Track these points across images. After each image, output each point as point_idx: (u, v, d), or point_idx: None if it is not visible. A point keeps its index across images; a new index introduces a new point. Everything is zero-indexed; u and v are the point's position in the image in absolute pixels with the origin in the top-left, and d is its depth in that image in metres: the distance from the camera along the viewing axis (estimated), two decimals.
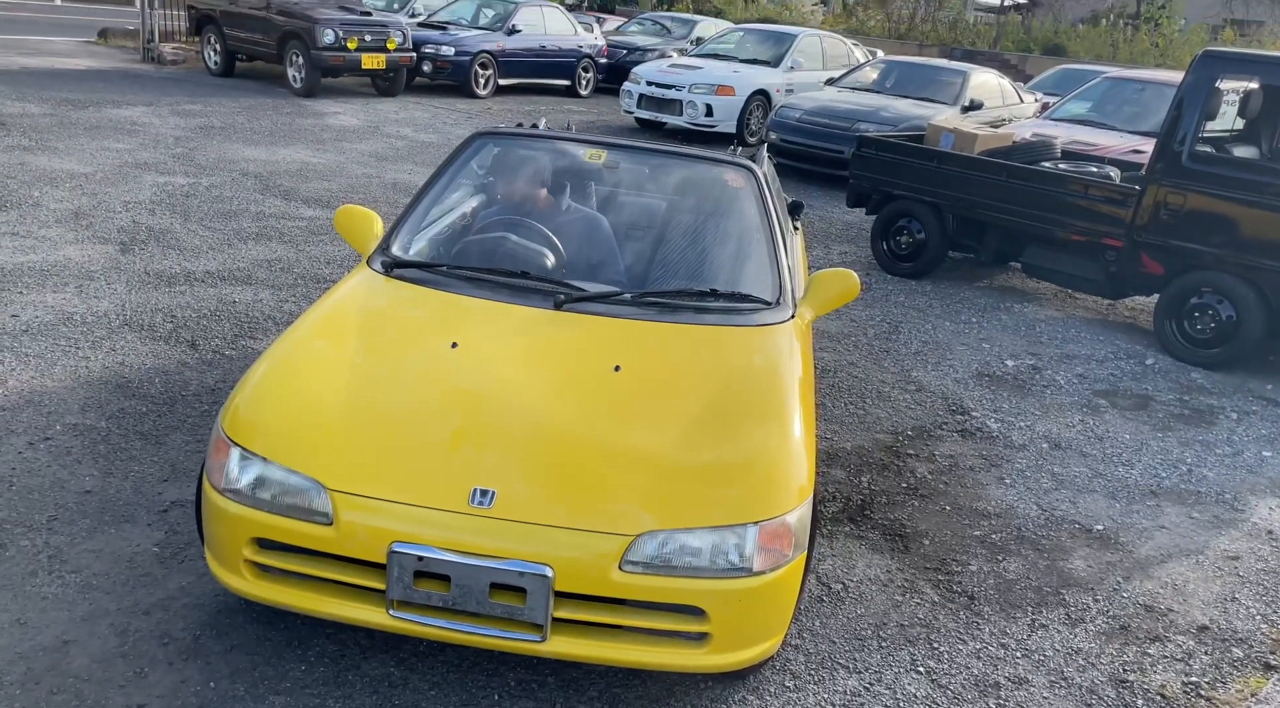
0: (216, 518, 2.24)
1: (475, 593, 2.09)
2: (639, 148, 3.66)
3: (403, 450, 2.24)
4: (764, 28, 14.16)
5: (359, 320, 2.70)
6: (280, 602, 2.23)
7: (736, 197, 3.41)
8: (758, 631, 2.24)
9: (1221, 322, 5.38)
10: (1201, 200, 5.41)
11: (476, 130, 3.59)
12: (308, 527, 2.14)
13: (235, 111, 10.28)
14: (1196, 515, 3.76)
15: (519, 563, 2.07)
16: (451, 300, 2.79)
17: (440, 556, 2.07)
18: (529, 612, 2.09)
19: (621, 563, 2.11)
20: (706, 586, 2.13)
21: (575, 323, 2.75)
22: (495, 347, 2.61)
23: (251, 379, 2.44)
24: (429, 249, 3.18)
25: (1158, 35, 21.16)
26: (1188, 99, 5.50)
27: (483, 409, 2.38)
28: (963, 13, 28.73)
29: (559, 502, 2.17)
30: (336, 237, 6.20)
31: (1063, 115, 9.28)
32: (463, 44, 13.30)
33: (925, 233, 6.77)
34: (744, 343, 2.79)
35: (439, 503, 2.13)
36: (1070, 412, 4.69)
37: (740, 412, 2.49)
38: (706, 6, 26.21)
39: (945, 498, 3.71)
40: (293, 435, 2.25)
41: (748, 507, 2.20)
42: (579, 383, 2.51)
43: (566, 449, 2.30)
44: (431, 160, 9.01)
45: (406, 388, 2.44)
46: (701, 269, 3.15)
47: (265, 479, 2.19)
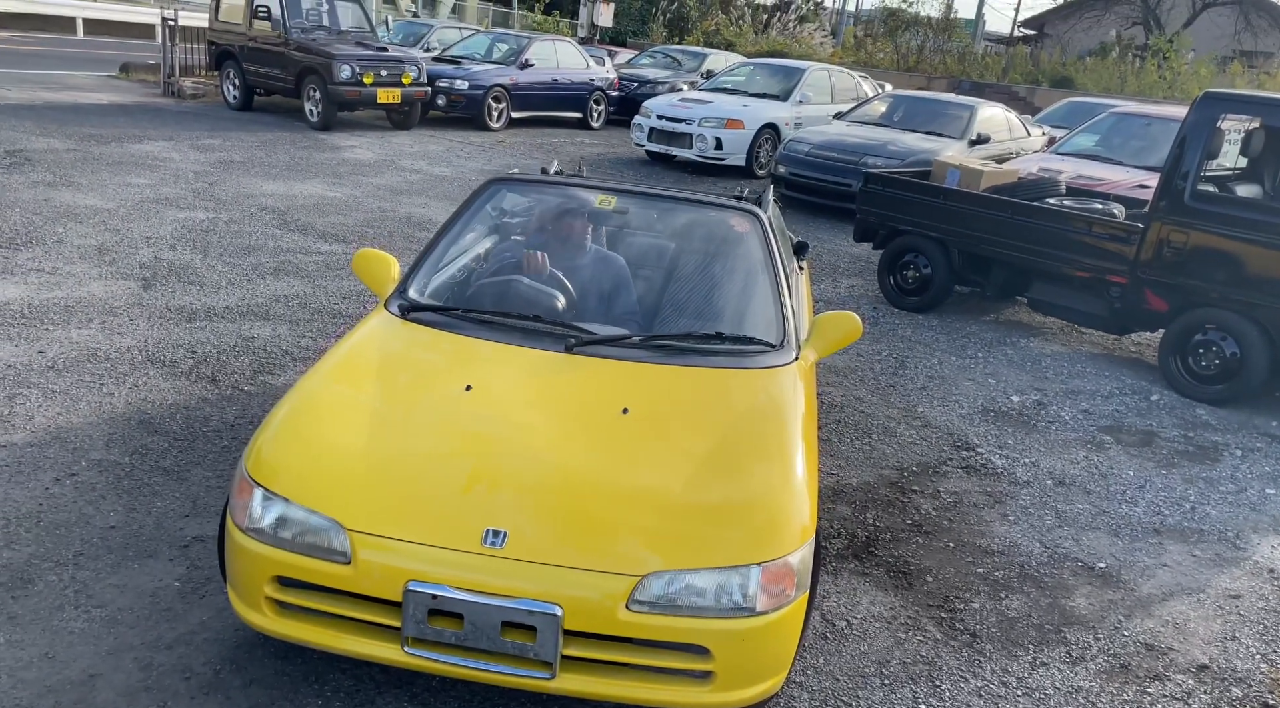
0: (239, 556, 2.32)
1: (487, 631, 2.16)
2: (648, 194, 3.75)
3: (418, 492, 2.33)
4: (773, 62, 14.37)
5: (377, 364, 2.80)
6: (299, 638, 2.30)
7: (742, 241, 3.51)
8: (761, 669, 2.30)
9: (1226, 358, 5.44)
10: (1204, 238, 5.49)
11: (492, 176, 3.71)
12: (327, 565, 2.23)
13: (254, 146, 10.50)
14: (1199, 553, 3.80)
15: (529, 602, 2.15)
16: (465, 344, 2.89)
17: (454, 594, 2.15)
18: (539, 649, 2.16)
19: (629, 602, 2.17)
20: (711, 625, 2.19)
21: (585, 366, 2.83)
22: (507, 390, 2.71)
23: (274, 421, 2.53)
24: (444, 292, 3.28)
25: (1166, 68, 21.30)
26: (1190, 138, 5.59)
27: (495, 452, 2.47)
28: (971, 45, 28.99)
29: (568, 543, 2.24)
30: (351, 273, 6.33)
31: (1069, 150, 9.38)
32: (476, 78, 13.55)
33: (931, 268, 6.85)
34: (749, 385, 2.86)
35: (453, 543, 2.21)
36: (1075, 448, 4.74)
37: (744, 453, 2.57)
38: (717, 39, 26.55)
39: (949, 535, 3.76)
40: (313, 477, 2.34)
41: (751, 548, 2.26)
42: (588, 425, 2.59)
43: (576, 491, 2.37)
44: (445, 194, 9.17)
45: (422, 431, 2.53)
46: (708, 312, 3.26)
47: (287, 519, 2.27)
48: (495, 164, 11.24)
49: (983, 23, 36.66)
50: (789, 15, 30.24)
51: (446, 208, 8.60)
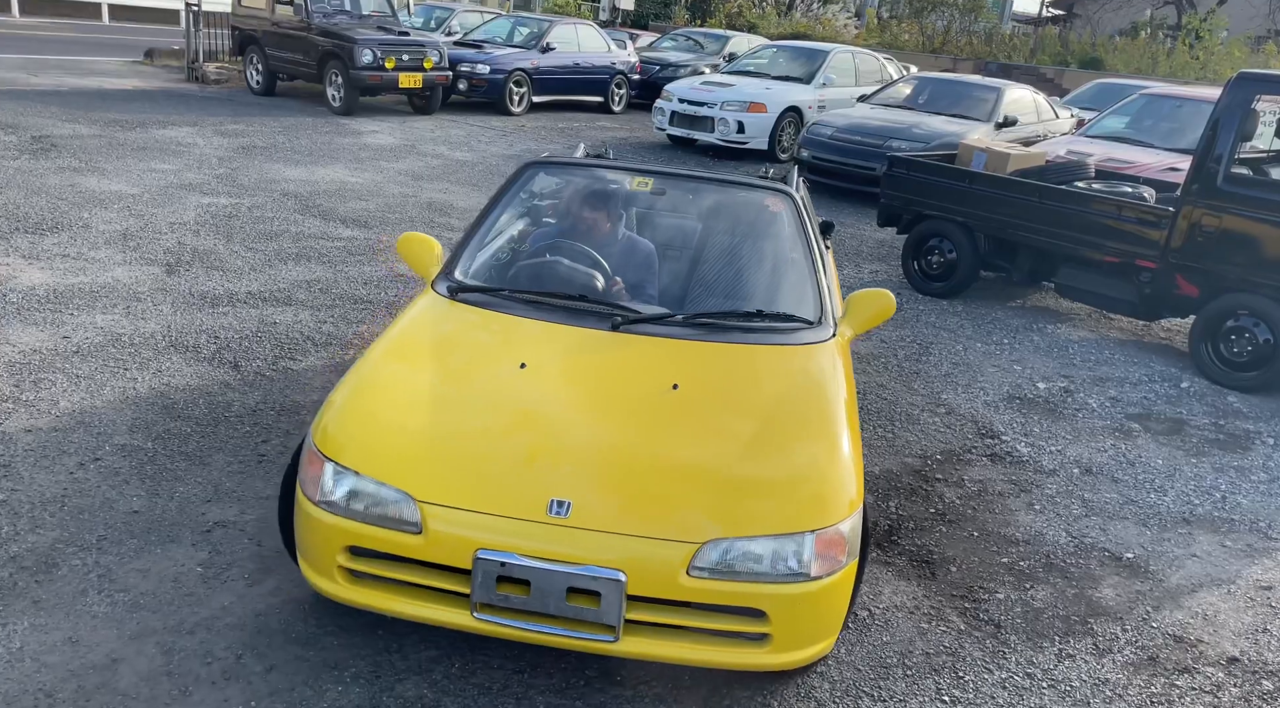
0: (312, 528, 2.41)
1: (553, 596, 2.26)
2: (682, 175, 3.85)
3: (484, 465, 2.42)
4: (796, 44, 14.21)
5: (431, 343, 2.89)
6: (370, 605, 2.41)
7: (777, 220, 3.58)
8: (814, 631, 2.41)
9: (1259, 345, 5.32)
10: (1237, 222, 5.36)
11: (528, 160, 3.76)
12: (398, 535, 2.32)
13: (276, 131, 10.52)
14: (1229, 544, 3.73)
15: (595, 569, 2.25)
16: (515, 323, 2.98)
17: (521, 562, 2.25)
18: (603, 614, 2.27)
19: (689, 569, 2.27)
20: (768, 590, 2.30)
21: (632, 343, 2.93)
22: (560, 367, 2.80)
23: (338, 399, 2.62)
24: (488, 274, 3.36)
25: (1199, 48, 20.85)
26: (1223, 120, 5.46)
27: (554, 426, 2.57)
28: (998, 25, 28.54)
29: (630, 512, 2.34)
30: (373, 257, 6.34)
31: (1098, 132, 9.21)
32: (497, 62, 13.50)
33: (956, 252, 6.76)
34: (790, 361, 2.95)
35: (520, 513, 2.31)
36: (1102, 436, 4.67)
37: (792, 428, 2.67)
38: (739, 22, 26.31)
39: (973, 524, 3.71)
40: (383, 451, 2.43)
41: (804, 517, 2.37)
42: (641, 401, 2.69)
43: (634, 463, 2.47)
44: (466, 179, 9.16)
45: (482, 407, 2.63)
46: (746, 290, 3.34)
47: (358, 492, 2.37)
48: (516, 149, 11.21)
49: (1010, 2, 36.09)
50: None
51: (467, 193, 8.59)
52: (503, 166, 10.00)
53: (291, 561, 2.72)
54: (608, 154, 4.15)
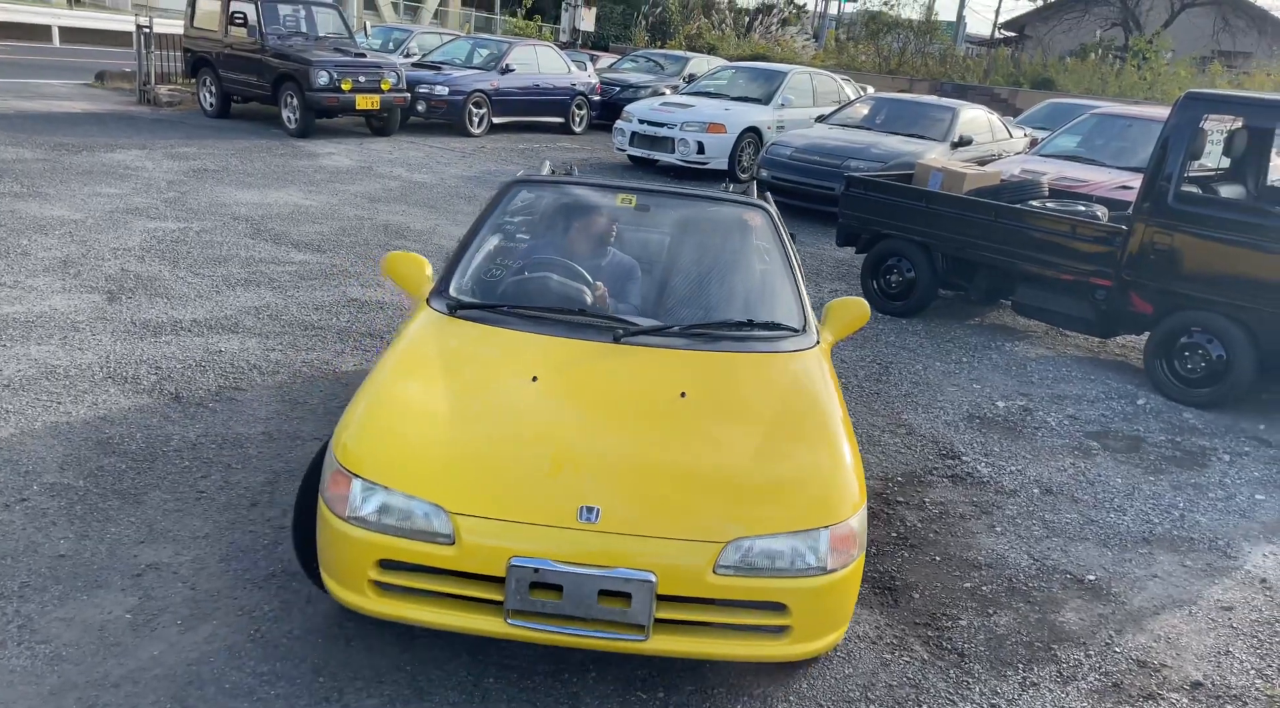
0: (341, 544, 2.43)
1: (585, 600, 2.33)
2: (662, 192, 4.02)
3: (512, 475, 2.48)
4: (755, 65, 14.30)
5: (439, 358, 2.93)
6: (402, 617, 2.44)
7: (755, 233, 3.74)
8: (830, 622, 2.54)
9: (1212, 361, 5.37)
10: (1188, 240, 5.42)
11: (513, 178, 3.84)
12: (431, 547, 2.37)
13: (229, 154, 10.34)
14: (1189, 564, 3.71)
15: (626, 571, 2.33)
16: (518, 338, 3.04)
17: (554, 567, 2.31)
18: (634, 614, 2.34)
19: (715, 567, 2.38)
20: (788, 584, 2.42)
21: (634, 354, 3.03)
22: (571, 379, 2.91)
23: (355, 416, 2.64)
24: (481, 290, 3.39)
25: (1146, 69, 21.36)
26: (1172, 139, 5.52)
27: (574, 436, 2.67)
28: (952, 47, 29.04)
29: (656, 515, 2.43)
30: (326, 282, 6.20)
31: (1051, 151, 9.32)
32: (456, 83, 13.42)
33: (915, 272, 6.77)
34: (783, 368, 3.10)
35: (551, 520, 2.37)
36: (1061, 455, 4.66)
37: (796, 431, 2.81)
38: (699, 43, 26.50)
39: (935, 548, 3.66)
40: (409, 465, 2.47)
41: (818, 514, 2.49)
42: (653, 409, 2.79)
43: (655, 468, 2.57)
44: (424, 201, 9.04)
45: (502, 419, 2.68)
46: (734, 301, 3.45)
47: (388, 506, 2.40)
48: (476, 170, 11.12)
49: (964, 25, 36.78)
50: (771, 19, 30.25)
51: (425, 215, 8.48)
52: (462, 188, 9.90)
53: (312, 580, 2.74)
54: (573, 172, 4.20)
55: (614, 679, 2.70)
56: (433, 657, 2.71)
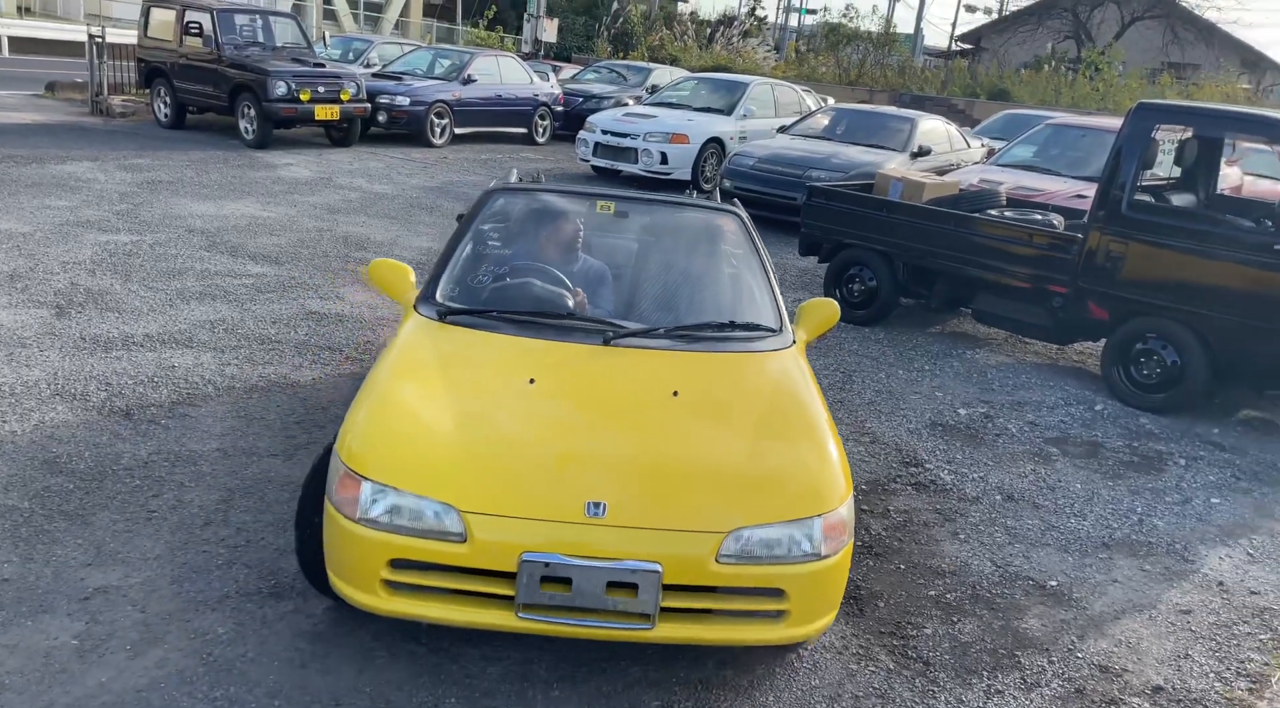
0: (351, 545, 2.48)
1: (594, 592, 2.41)
2: (640, 199, 4.15)
3: (520, 473, 2.56)
4: (717, 76, 14.38)
5: (436, 362, 3.00)
6: (414, 614, 2.51)
7: (731, 238, 3.85)
8: (824, 605, 2.66)
9: (1167, 367, 5.46)
10: (1141, 248, 5.51)
11: (493, 186, 3.91)
12: (443, 545, 2.43)
13: (184, 165, 10.16)
14: (1148, 568, 3.75)
15: (634, 562, 2.41)
16: (511, 341, 3.12)
17: (565, 561, 2.39)
18: (640, 604, 2.43)
19: (717, 556, 2.48)
20: (786, 570, 2.53)
21: (624, 356, 3.13)
22: (567, 380, 3.00)
23: (359, 419, 2.68)
24: (469, 296, 3.42)
25: (1098, 80, 21.82)
26: (1125, 149, 5.62)
27: (576, 434, 2.77)
28: (910, 59, 29.46)
29: (661, 508, 2.52)
30: (284, 295, 6.10)
31: (1008, 161, 9.46)
32: (418, 94, 13.33)
33: (877, 280, 6.82)
34: (765, 366, 3.22)
35: (560, 516, 2.46)
36: (1022, 461, 4.70)
37: (783, 425, 2.92)
38: (662, 54, 26.62)
39: (900, 556, 3.67)
40: (418, 466, 2.53)
41: (811, 504, 2.60)
42: (648, 407, 2.89)
43: (656, 463, 2.66)
44: (385, 212, 8.94)
45: (504, 420, 2.76)
46: (714, 303, 3.59)
47: (399, 507, 2.46)
48: (438, 181, 11.04)
49: (921, 37, 37.34)
50: (733, 30, 30.47)
51: (386, 226, 8.38)
52: (424, 199, 9.81)
53: (313, 585, 2.81)
54: (540, 180, 4.26)
55: (579, 699, 2.66)
56: (392, 678, 2.65)
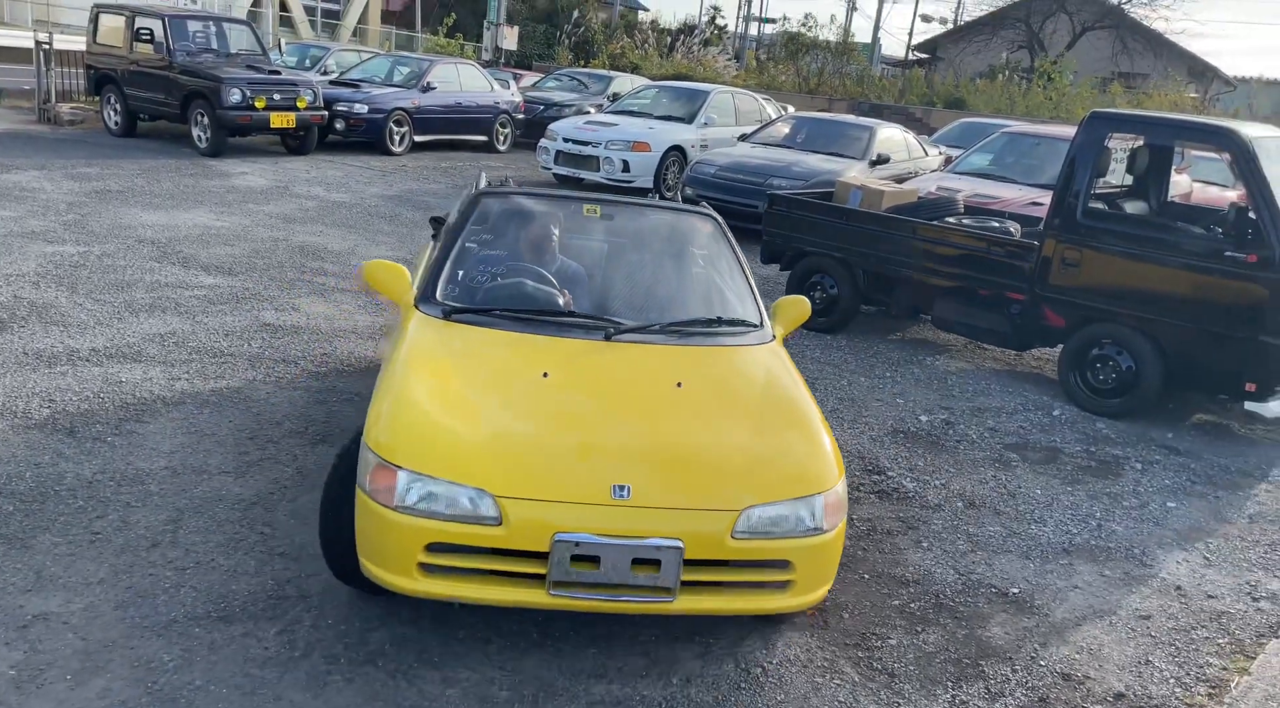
0: (388, 531, 2.60)
1: (620, 568, 2.57)
2: (621, 202, 4.33)
3: (548, 460, 2.72)
4: (678, 85, 14.41)
5: (449, 358, 3.13)
6: (449, 595, 2.64)
7: (711, 239, 4.02)
8: (824, 575, 2.87)
9: (1122, 372, 5.53)
10: (1096, 255, 5.59)
11: (481, 190, 3.99)
12: (479, 528, 2.57)
13: (135, 173, 9.93)
14: (1108, 573, 3.78)
15: (657, 540, 2.59)
16: (518, 338, 3.26)
17: (594, 540, 2.56)
18: (663, 578, 2.60)
19: (732, 532, 2.68)
20: (792, 544, 2.75)
21: (626, 350, 3.29)
22: (578, 373, 3.14)
23: (385, 412, 2.80)
24: (469, 296, 3.52)
25: (1051, 89, 22.24)
26: (1079, 158, 5.70)
27: (595, 422, 2.94)
28: (868, 68, 29.81)
29: (680, 490, 2.71)
30: (238, 306, 5.96)
31: (965, 169, 9.58)
32: (376, 101, 13.18)
33: (838, 288, 6.85)
34: (753, 358, 3.41)
35: (588, 499, 2.62)
36: (983, 467, 4.73)
37: (781, 413, 3.12)
38: (622, 62, 26.64)
39: (864, 565, 3.66)
40: (450, 455, 2.66)
41: (813, 483, 2.83)
42: (657, 397, 3.08)
43: (671, 448, 2.85)
44: (343, 221, 8.81)
45: (526, 410, 2.91)
46: (701, 300, 3.76)
47: (435, 494, 2.58)
48: (396, 189, 10.91)
49: (879, 47, 37.87)
50: (693, 39, 30.61)
51: (343, 235, 8.26)
52: (382, 207, 9.69)
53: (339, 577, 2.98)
54: (509, 183, 4.36)
55: None
56: (346, 703, 2.57)
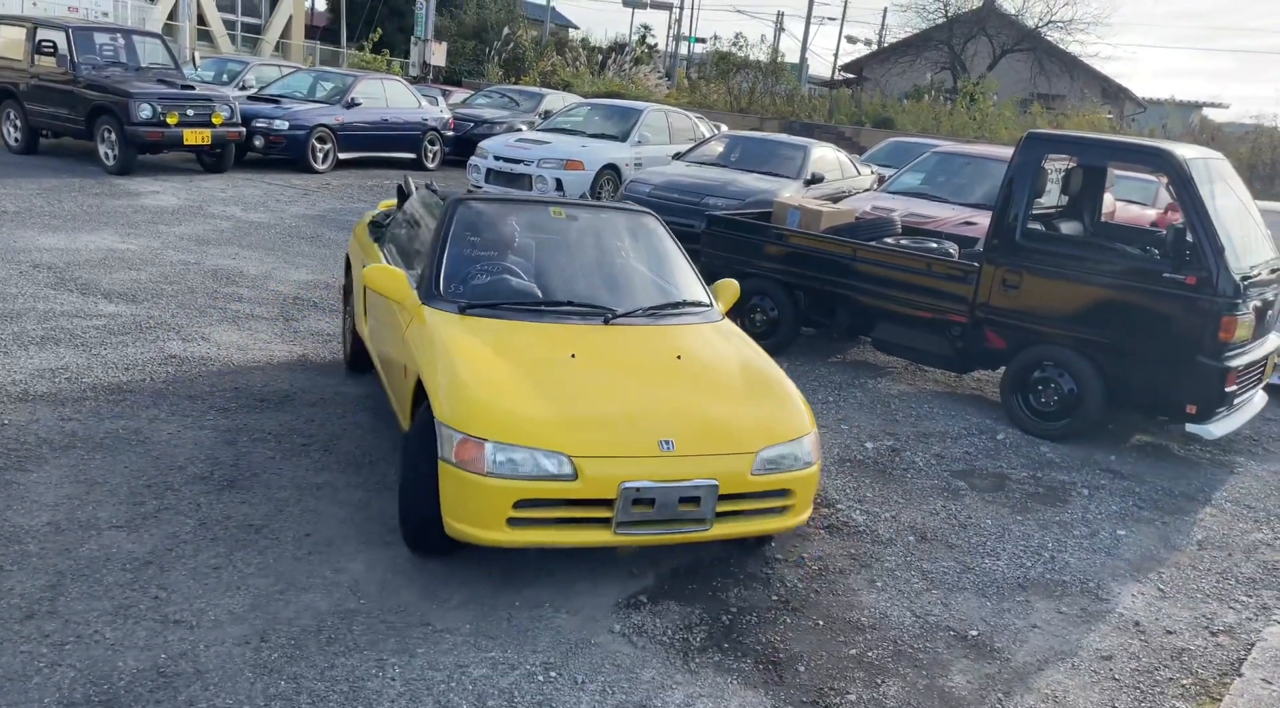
0: (480, 494, 3.11)
1: (669, 507, 3.20)
2: (578, 204, 4.82)
3: (606, 423, 3.31)
4: (611, 102, 14.25)
5: (485, 346, 3.56)
6: (533, 542, 3.20)
7: (656, 234, 4.58)
8: (810, 500, 3.61)
9: (1064, 395, 5.47)
10: (1035, 277, 5.54)
11: (457, 196, 4.39)
12: (559, 484, 3.12)
13: (34, 193, 9.32)
14: (1065, 610, 3.65)
15: (698, 481, 3.22)
16: (533, 327, 3.79)
17: (650, 485, 3.16)
18: (701, 512, 3.25)
19: (751, 470, 3.34)
20: (793, 476, 3.44)
21: (624, 332, 3.89)
22: (597, 352, 3.69)
23: (453, 397, 3.28)
24: (470, 291, 3.93)
25: (975, 109, 22.75)
26: (1017, 178, 5.66)
27: (629, 391, 3.51)
28: (798, 87, 30.18)
29: (710, 439, 3.36)
30: (141, 337, 5.53)
31: (898, 188, 9.57)
32: (298, 118, 12.73)
33: (778, 310, 6.71)
34: (717, 332, 4.08)
35: (642, 452, 3.23)
36: (932, 496, 4.59)
37: (760, 374, 3.82)
38: (553, 80, 26.45)
39: (818, 610, 3.46)
40: (528, 426, 3.18)
41: (800, 427, 3.56)
42: (667, 368, 3.70)
43: (693, 407, 3.48)
44: (260, 243, 8.37)
45: (572, 385, 3.42)
46: (663, 286, 4.33)
47: (519, 459, 3.11)
48: (319, 208, 10.49)
49: (806, 67, 38.41)
50: (624, 57, 30.60)
51: (261, 258, 7.83)
52: (303, 228, 9.27)
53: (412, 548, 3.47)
54: (436, 189, 4.93)
55: None
56: None
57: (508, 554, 3.51)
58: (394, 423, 4.67)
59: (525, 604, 3.28)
